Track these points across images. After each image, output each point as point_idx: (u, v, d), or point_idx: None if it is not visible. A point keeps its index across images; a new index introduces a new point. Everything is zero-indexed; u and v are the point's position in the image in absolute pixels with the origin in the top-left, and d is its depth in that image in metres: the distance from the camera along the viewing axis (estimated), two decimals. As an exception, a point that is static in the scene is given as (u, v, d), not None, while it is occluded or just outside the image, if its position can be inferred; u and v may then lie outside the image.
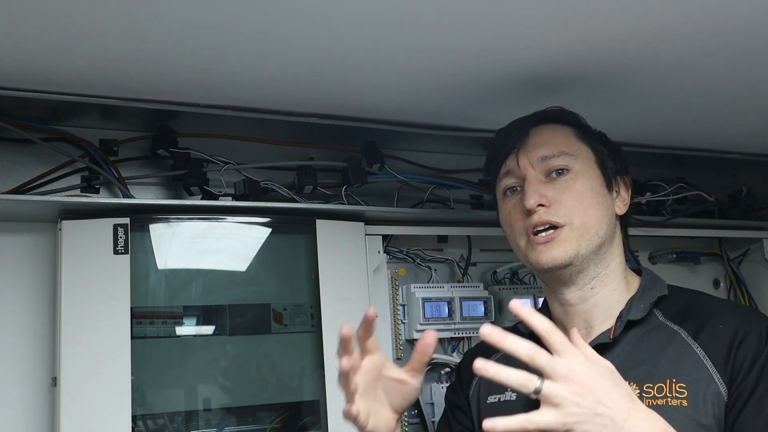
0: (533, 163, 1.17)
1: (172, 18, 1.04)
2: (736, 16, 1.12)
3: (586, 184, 1.16)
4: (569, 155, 1.17)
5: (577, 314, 1.18)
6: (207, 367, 1.45)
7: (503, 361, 1.25)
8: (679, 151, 1.88)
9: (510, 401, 1.19)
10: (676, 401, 1.04)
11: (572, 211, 1.14)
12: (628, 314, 1.14)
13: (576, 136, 1.20)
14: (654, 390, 1.06)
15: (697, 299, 1.18)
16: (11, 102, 1.32)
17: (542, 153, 1.17)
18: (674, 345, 1.10)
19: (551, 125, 1.21)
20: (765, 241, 2.04)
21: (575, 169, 1.16)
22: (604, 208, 1.17)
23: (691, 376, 1.05)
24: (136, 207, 1.40)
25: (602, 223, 1.16)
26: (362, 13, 1.04)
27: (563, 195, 1.14)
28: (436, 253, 1.76)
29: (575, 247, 1.13)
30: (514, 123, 1.24)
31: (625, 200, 1.23)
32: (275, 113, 1.48)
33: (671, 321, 1.13)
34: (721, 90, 1.46)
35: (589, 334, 1.16)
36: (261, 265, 1.52)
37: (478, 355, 1.30)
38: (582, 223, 1.14)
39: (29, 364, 1.41)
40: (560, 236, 1.13)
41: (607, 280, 1.17)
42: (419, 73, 1.30)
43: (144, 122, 1.49)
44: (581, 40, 1.18)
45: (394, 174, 1.66)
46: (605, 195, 1.18)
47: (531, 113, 1.25)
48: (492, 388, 1.24)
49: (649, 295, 1.17)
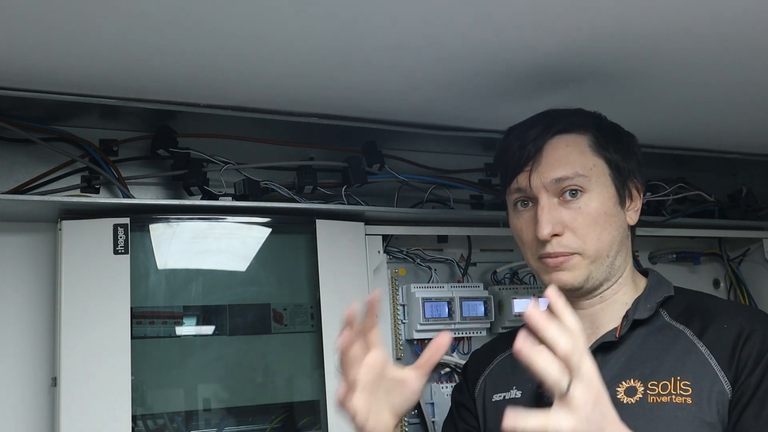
0: (546, 185, 1.13)
1: (171, 18, 1.04)
2: (737, 15, 1.11)
3: (600, 207, 1.13)
4: (584, 176, 1.13)
5: (585, 317, 1.18)
6: (207, 367, 1.45)
7: (510, 359, 1.26)
8: (679, 151, 1.88)
9: (515, 399, 1.19)
10: (681, 399, 1.04)
11: (586, 239, 1.12)
12: (635, 314, 1.14)
13: (591, 149, 1.16)
14: (658, 387, 1.06)
15: (703, 299, 1.18)
16: (11, 102, 1.32)
17: (557, 174, 1.12)
18: (679, 344, 1.10)
19: (567, 137, 1.16)
20: (765, 241, 2.04)
21: (589, 190, 1.13)
22: (616, 228, 1.15)
23: (695, 375, 1.05)
24: (136, 207, 1.40)
25: (615, 242, 1.14)
26: (362, 12, 1.04)
27: (577, 222, 1.12)
28: (436, 253, 1.76)
29: (586, 273, 1.13)
30: (530, 130, 1.17)
31: (637, 206, 1.20)
32: (275, 113, 1.48)
33: (676, 321, 1.13)
34: (722, 90, 1.46)
35: (595, 333, 1.16)
36: (261, 265, 1.52)
37: (485, 356, 1.31)
38: (595, 251, 1.12)
39: (29, 364, 1.41)
40: (572, 262, 1.12)
41: (618, 287, 1.18)
42: (419, 72, 1.30)
43: (144, 122, 1.49)
44: (581, 38, 1.18)
45: (394, 174, 1.66)
46: (618, 212, 1.16)
47: (544, 113, 1.20)
48: (497, 386, 1.24)
49: (655, 295, 1.17)
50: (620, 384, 1.09)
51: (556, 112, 1.21)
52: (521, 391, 1.19)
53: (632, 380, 1.08)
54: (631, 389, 1.08)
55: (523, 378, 1.19)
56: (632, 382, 1.08)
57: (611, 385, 1.08)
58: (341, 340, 0.96)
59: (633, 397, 1.07)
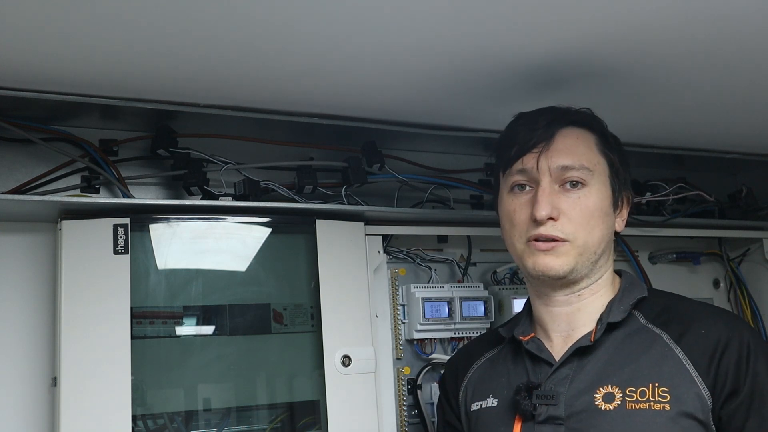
0: (552, 170, 1.15)
1: (171, 18, 1.04)
2: (737, 15, 1.12)
3: (597, 202, 1.15)
4: (588, 170, 1.15)
5: (561, 316, 1.18)
6: (207, 367, 1.45)
7: (487, 365, 1.27)
8: (679, 151, 1.88)
9: (491, 407, 1.19)
10: (659, 405, 1.04)
11: (579, 229, 1.13)
12: (609, 317, 1.14)
13: (597, 147, 1.19)
14: (637, 394, 1.06)
15: (680, 303, 1.19)
16: (11, 102, 1.32)
17: (564, 162, 1.15)
18: (656, 348, 1.10)
19: (578, 130, 1.19)
20: (765, 241, 2.04)
21: (590, 185, 1.15)
22: (606, 228, 1.17)
23: (673, 380, 1.06)
24: (136, 207, 1.39)
25: (603, 242, 1.16)
26: (362, 12, 1.05)
27: (574, 211, 1.13)
28: (436, 253, 1.76)
29: (572, 263, 1.14)
30: (541, 117, 1.19)
31: (624, 216, 1.23)
32: (275, 113, 1.48)
33: (653, 324, 1.14)
34: (722, 90, 1.46)
35: (570, 337, 1.17)
36: (261, 265, 1.52)
37: (463, 363, 1.31)
38: (584, 242, 1.14)
39: (29, 364, 1.41)
40: (561, 249, 1.13)
41: (596, 288, 1.18)
42: (419, 72, 1.30)
43: (144, 122, 1.49)
44: (581, 37, 1.18)
45: (394, 174, 1.66)
46: (610, 214, 1.18)
47: (553, 107, 1.22)
48: (475, 395, 1.24)
49: (628, 297, 1.18)
50: (598, 390, 1.09)
51: (565, 107, 1.23)
52: (497, 399, 1.19)
53: (610, 386, 1.08)
54: (609, 395, 1.08)
55: (499, 385, 1.20)
56: (610, 388, 1.08)
57: (588, 391, 1.09)
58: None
59: (611, 403, 1.07)
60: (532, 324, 1.24)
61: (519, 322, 1.25)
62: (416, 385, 1.64)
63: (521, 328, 1.22)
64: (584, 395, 1.09)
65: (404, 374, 1.64)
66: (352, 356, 1.48)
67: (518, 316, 1.29)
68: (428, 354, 1.66)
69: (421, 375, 1.64)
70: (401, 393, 1.63)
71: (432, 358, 1.66)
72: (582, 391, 1.09)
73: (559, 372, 1.13)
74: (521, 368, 1.19)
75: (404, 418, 1.62)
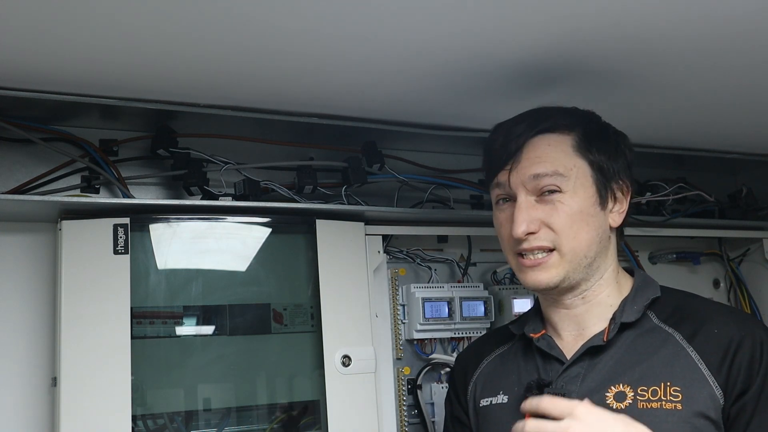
0: (524, 182, 1.13)
1: (171, 18, 1.04)
2: (737, 14, 1.12)
3: (576, 206, 1.13)
4: (561, 176, 1.12)
5: (569, 317, 1.18)
6: (207, 367, 1.45)
7: (497, 361, 1.26)
8: (679, 151, 1.88)
9: (502, 404, 1.19)
10: (671, 404, 1.04)
11: (561, 236, 1.12)
12: (622, 316, 1.14)
13: (573, 149, 1.15)
14: (648, 393, 1.06)
15: (692, 302, 1.18)
16: (11, 102, 1.32)
17: (534, 171, 1.13)
18: (668, 347, 1.10)
19: (548, 136, 1.16)
20: (765, 241, 2.04)
21: (567, 189, 1.13)
22: (594, 228, 1.14)
23: (685, 379, 1.06)
24: (136, 207, 1.39)
25: (592, 243, 1.14)
26: (361, 12, 1.05)
27: (552, 218, 1.12)
28: (436, 253, 1.76)
29: (562, 273, 1.13)
30: (516, 127, 1.18)
31: (622, 209, 1.19)
32: (275, 113, 1.48)
33: (665, 323, 1.13)
34: (722, 90, 1.46)
35: (581, 336, 1.16)
36: (261, 265, 1.52)
37: (473, 359, 1.31)
38: (571, 249, 1.12)
39: (29, 364, 1.41)
40: (549, 261, 1.13)
41: (600, 288, 1.17)
42: (419, 72, 1.30)
43: (144, 122, 1.49)
44: (581, 37, 1.18)
45: (394, 174, 1.66)
46: (597, 213, 1.15)
47: (533, 111, 1.20)
48: (485, 391, 1.24)
49: (642, 297, 1.17)
50: (609, 389, 1.08)
51: (544, 110, 1.20)
52: (508, 395, 1.19)
53: (621, 385, 1.08)
54: (620, 394, 1.07)
55: (509, 382, 1.19)
56: (621, 387, 1.08)
57: (600, 390, 1.09)
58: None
59: (622, 402, 1.06)
60: (542, 321, 1.23)
61: (529, 319, 1.24)
62: (416, 385, 1.64)
63: (532, 326, 1.22)
64: (595, 394, 1.08)
65: (404, 374, 1.64)
66: (352, 356, 1.48)
67: (528, 313, 1.28)
68: (428, 354, 1.67)
69: (421, 375, 1.65)
70: (401, 393, 1.63)
71: (432, 358, 1.66)
72: (593, 389, 1.09)
73: (570, 370, 1.13)
74: (532, 365, 1.18)
75: (404, 418, 1.62)
